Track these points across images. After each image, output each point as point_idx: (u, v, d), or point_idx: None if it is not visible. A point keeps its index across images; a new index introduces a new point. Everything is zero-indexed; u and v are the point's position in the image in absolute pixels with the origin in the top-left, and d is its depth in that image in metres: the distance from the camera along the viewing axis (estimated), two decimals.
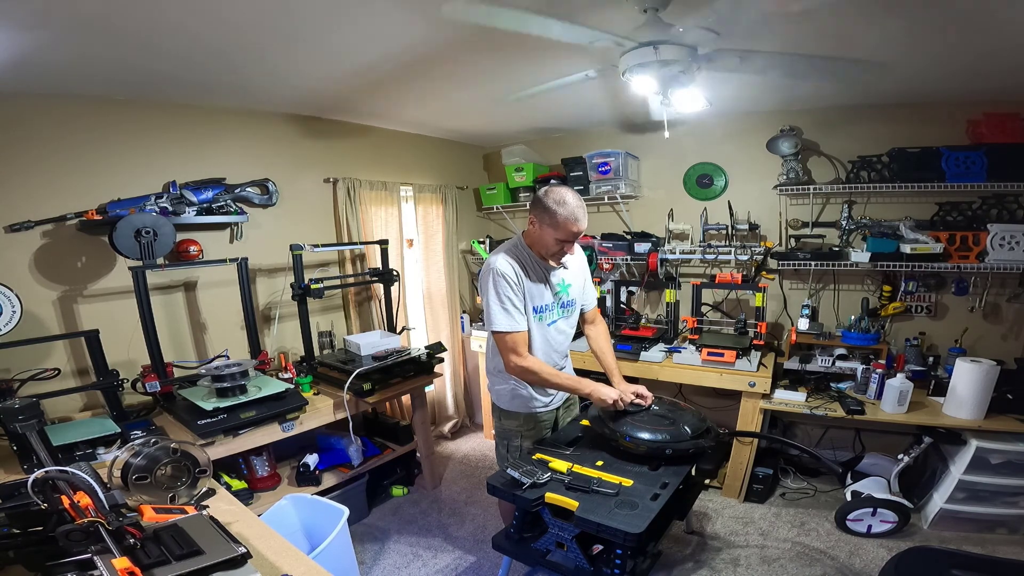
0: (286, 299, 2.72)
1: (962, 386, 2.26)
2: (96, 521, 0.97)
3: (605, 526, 1.41)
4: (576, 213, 1.65)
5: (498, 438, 2.01)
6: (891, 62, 1.87)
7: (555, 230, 1.67)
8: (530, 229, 1.77)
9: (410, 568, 2.35)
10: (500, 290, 1.70)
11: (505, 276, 1.70)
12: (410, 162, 3.42)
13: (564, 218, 1.64)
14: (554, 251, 1.73)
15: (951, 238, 2.53)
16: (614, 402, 1.79)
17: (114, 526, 0.98)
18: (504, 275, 1.70)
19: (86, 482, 1.07)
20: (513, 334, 1.72)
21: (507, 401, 1.93)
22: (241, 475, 2.35)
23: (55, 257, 2.13)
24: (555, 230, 1.67)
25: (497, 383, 1.94)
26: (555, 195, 1.66)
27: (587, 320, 2.10)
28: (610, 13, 1.56)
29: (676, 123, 2.97)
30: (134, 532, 1.00)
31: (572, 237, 1.68)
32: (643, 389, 1.92)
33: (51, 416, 2.07)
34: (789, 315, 3.12)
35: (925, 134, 2.62)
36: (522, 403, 1.91)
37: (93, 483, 1.08)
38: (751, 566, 2.26)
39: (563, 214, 1.64)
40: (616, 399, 1.78)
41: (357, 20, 1.61)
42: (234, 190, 2.56)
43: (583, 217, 1.67)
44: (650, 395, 1.91)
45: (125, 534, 0.99)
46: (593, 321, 2.11)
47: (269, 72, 2.07)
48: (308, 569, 1.19)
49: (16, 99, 1.98)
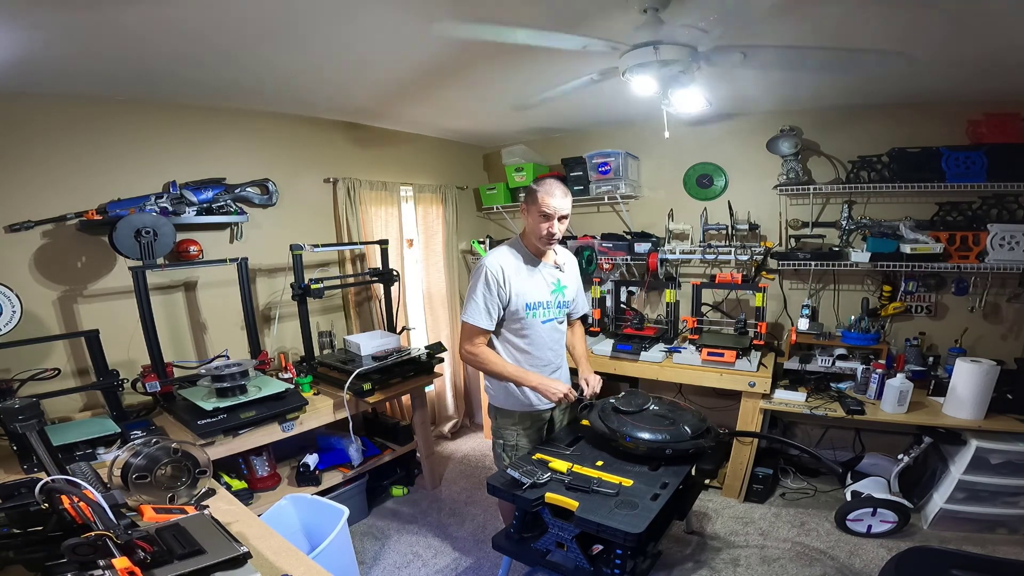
0: (286, 299, 2.72)
1: (962, 386, 2.26)
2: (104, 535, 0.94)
3: (605, 526, 1.41)
4: (553, 190, 1.76)
5: (494, 437, 2.02)
6: (893, 55, 1.86)
7: (535, 207, 1.77)
8: (523, 219, 1.88)
9: (410, 568, 2.35)
10: (482, 288, 1.79)
11: (488, 274, 1.79)
12: (410, 162, 3.42)
13: (542, 194, 1.76)
14: (542, 234, 1.80)
15: (951, 238, 2.53)
16: (563, 396, 1.82)
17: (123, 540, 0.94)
18: (490, 272, 1.79)
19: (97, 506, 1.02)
20: (474, 326, 1.81)
21: (502, 399, 1.96)
22: (241, 475, 2.35)
23: (55, 257, 2.13)
24: (535, 207, 1.77)
25: (492, 382, 1.96)
26: (537, 179, 1.86)
27: (569, 323, 2.13)
28: (610, 14, 1.56)
29: (676, 123, 2.97)
30: (144, 546, 0.96)
31: (550, 212, 1.76)
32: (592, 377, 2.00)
33: (51, 416, 2.07)
34: (789, 315, 3.12)
35: (925, 134, 2.62)
36: (516, 400, 1.93)
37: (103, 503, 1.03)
38: (751, 566, 2.26)
39: (541, 191, 1.76)
40: (565, 393, 1.82)
41: (356, 20, 1.61)
42: (234, 190, 2.56)
43: (560, 194, 1.76)
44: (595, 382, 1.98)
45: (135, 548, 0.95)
46: (574, 325, 2.17)
47: (270, 72, 2.07)
48: (308, 569, 1.19)
49: (16, 99, 1.98)
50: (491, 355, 1.85)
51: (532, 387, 1.84)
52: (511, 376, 1.84)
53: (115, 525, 0.99)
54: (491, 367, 1.84)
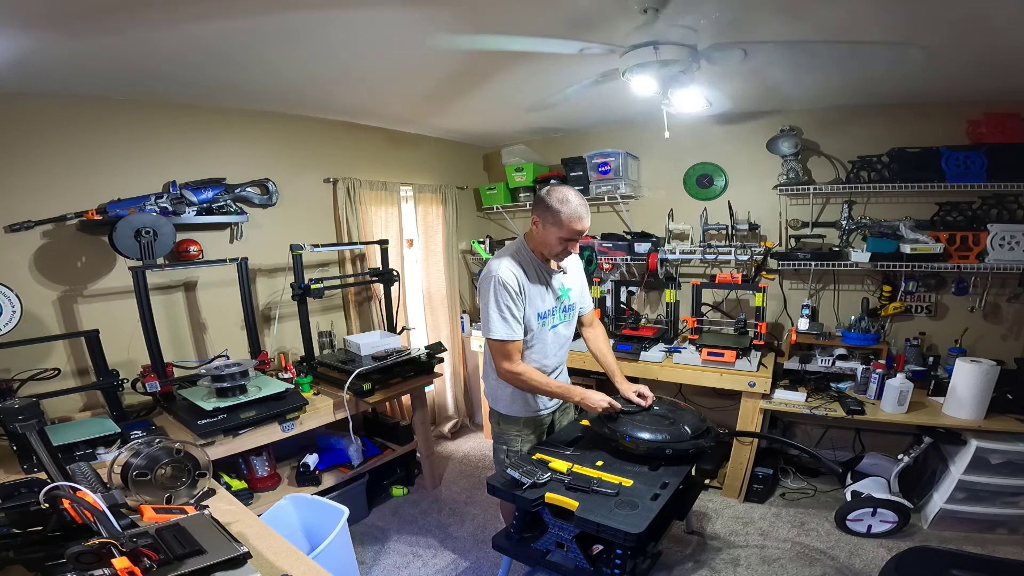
0: (286, 299, 2.72)
1: (962, 386, 2.26)
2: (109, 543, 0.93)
3: (605, 526, 1.41)
4: (579, 211, 1.65)
5: (496, 443, 1.99)
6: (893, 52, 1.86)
7: (559, 228, 1.67)
8: (533, 230, 1.77)
9: (410, 568, 2.34)
10: (500, 299, 1.70)
11: (507, 285, 1.69)
12: (410, 162, 3.42)
13: (568, 216, 1.64)
14: (557, 251, 1.73)
15: (951, 238, 2.53)
16: (605, 408, 1.80)
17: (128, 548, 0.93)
18: (506, 284, 1.69)
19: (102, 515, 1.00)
20: (508, 343, 1.73)
21: (506, 405, 1.92)
22: (241, 475, 2.35)
23: (55, 257, 2.13)
24: (559, 228, 1.67)
25: (498, 388, 1.92)
26: (558, 194, 1.67)
27: (584, 323, 2.10)
28: (609, 14, 1.56)
29: (676, 123, 2.96)
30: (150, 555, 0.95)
31: (576, 235, 1.69)
32: (645, 389, 1.92)
33: (51, 416, 2.07)
34: (789, 315, 3.12)
35: (925, 134, 2.61)
36: (523, 406, 1.90)
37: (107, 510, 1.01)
38: (751, 566, 2.26)
39: (567, 212, 1.64)
40: (607, 405, 1.80)
41: (356, 28, 1.62)
42: (234, 190, 2.56)
43: (586, 215, 1.67)
44: (651, 395, 1.92)
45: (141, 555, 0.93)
46: (591, 324, 2.12)
47: (269, 72, 2.07)
48: (308, 569, 1.19)
49: (16, 99, 1.98)
50: (535, 374, 1.78)
51: (576, 401, 1.83)
52: (556, 392, 1.82)
53: (119, 533, 0.98)
54: (537, 385, 1.77)
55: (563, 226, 1.66)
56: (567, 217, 1.64)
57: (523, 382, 1.77)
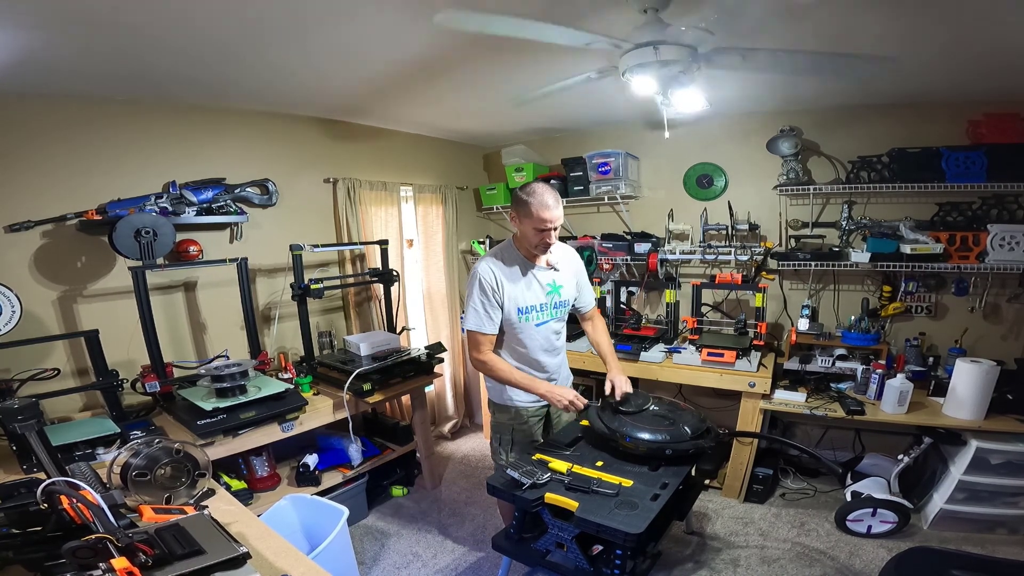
0: (286, 299, 2.72)
1: (962, 386, 2.26)
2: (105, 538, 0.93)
3: (605, 526, 1.41)
4: (546, 200, 1.72)
5: (492, 432, 2.06)
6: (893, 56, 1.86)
7: (531, 220, 1.74)
8: (515, 228, 1.86)
9: (410, 568, 2.34)
10: (477, 293, 1.81)
11: (483, 281, 1.80)
12: (410, 162, 3.42)
13: (536, 205, 1.72)
14: (535, 242, 1.80)
15: (951, 238, 2.53)
16: (568, 404, 1.84)
17: (124, 543, 0.94)
18: (482, 280, 1.80)
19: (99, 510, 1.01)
20: (477, 333, 1.83)
21: (498, 395, 2.00)
22: (241, 475, 2.35)
23: (55, 257, 2.13)
24: (531, 220, 1.74)
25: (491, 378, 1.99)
26: (527, 188, 1.77)
27: (585, 319, 2.15)
28: (610, 13, 1.56)
29: (676, 123, 2.97)
30: (145, 550, 0.95)
31: (546, 224, 1.74)
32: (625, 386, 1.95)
33: (51, 416, 2.07)
34: (789, 315, 3.12)
35: (925, 134, 2.61)
36: (508, 397, 1.97)
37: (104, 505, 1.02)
38: (751, 566, 2.26)
39: (535, 202, 1.72)
40: (570, 400, 1.84)
41: (357, 19, 1.61)
42: (234, 190, 2.56)
43: (555, 205, 1.73)
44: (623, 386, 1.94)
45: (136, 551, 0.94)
46: (592, 318, 2.16)
47: (271, 71, 2.07)
48: (308, 569, 1.19)
49: (16, 99, 1.98)
50: (500, 363, 1.87)
51: (540, 395, 1.88)
52: (519, 383, 1.87)
53: (115, 528, 0.98)
54: (500, 375, 1.87)
55: (533, 216, 1.73)
56: (535, 207, 1.72)
57: (488, 370, 1.88)
